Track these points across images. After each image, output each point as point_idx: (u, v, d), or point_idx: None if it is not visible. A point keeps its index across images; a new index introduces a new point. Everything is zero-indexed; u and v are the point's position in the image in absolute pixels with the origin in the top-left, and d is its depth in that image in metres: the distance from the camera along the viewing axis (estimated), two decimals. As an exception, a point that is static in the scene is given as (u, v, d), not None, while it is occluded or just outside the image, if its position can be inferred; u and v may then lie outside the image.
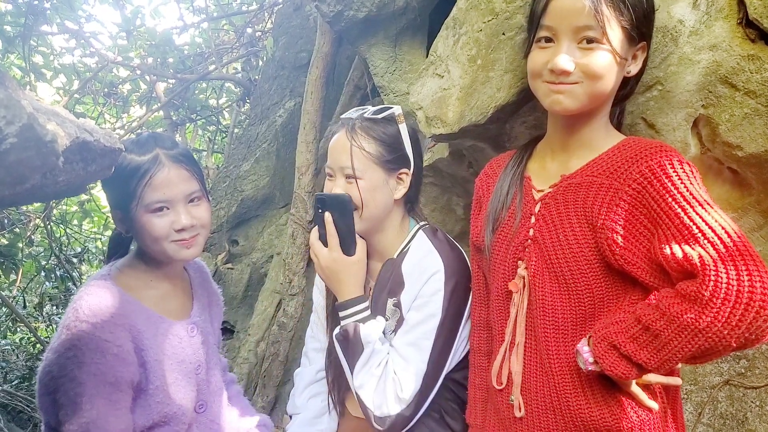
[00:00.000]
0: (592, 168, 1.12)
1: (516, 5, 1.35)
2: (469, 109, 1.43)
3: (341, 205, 1.35)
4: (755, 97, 1.17)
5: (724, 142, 1.24)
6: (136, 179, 1.21)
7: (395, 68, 1.90)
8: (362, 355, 1.32)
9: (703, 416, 1.56)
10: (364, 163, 1.36)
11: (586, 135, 1.16)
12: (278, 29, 3.45)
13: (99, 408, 1.12)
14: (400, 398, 1.29)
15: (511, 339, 1.18)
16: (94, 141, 0.80)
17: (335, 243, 1.36)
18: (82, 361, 1.12)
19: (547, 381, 1.12)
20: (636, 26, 1.08)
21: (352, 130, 1.38)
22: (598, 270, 1.08)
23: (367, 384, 1.31)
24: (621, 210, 1.05)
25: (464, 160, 1.85)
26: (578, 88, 1.07)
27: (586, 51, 1.06)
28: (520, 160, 1.26)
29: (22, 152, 0.56)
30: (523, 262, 1.17)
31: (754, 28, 1.17)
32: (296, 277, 2.68)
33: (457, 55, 1.47)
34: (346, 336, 1.35)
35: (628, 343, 1.00)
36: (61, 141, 0.65)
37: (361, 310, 1.36)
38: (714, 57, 1.19)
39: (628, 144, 1.12)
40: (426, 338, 1.31)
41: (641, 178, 1.03)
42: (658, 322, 0.96)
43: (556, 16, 1.08)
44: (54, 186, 0.74)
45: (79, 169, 0.82)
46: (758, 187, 1.31)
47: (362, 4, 1.82)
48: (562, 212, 1.13)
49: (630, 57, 1.12)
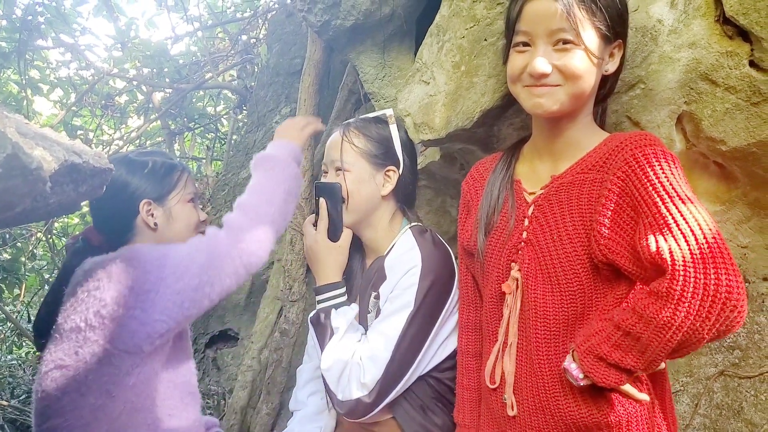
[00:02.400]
0: (581, 166, 1.14)
1: (496, 11, 1.37)
2: (456, 114, 1.45)
3: (332, 192, 1.44)
4: (735, 92, 1.19)
5: (707, 137, 1.26)
6: (178, 173, 1.42)
7: (384, 74, 1.92)
8: (331, 340, 1.37)
9: (700, 407, 1.57)
10: (352, 156, 1.45)
11: (571, 135, 1.17)
12: (272, 36, 3.47)
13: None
14: (362, 383, 1.32)
15: (504, 339, 1.20)
16: (83, 162, 0.82)
17: (323, 226, 1.45)
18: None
19: (537, 381, 1.14)
20: (610, 26, 1.10)
21: (346, 129, 1.48)
22: (591, 270, 1.09)
23: (333, 367, 1.35)
24: (608, 201, 1.05)
25: (456, 162, 1.87)
26: (559, 90, 1.09)
27: (562, 53, 1.08)
28: (508, 164, 1.27)
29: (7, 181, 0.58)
30: (517, 264, 1.18)
31: (731, 25, 1.18)
32: (296, 284, 2.69)
33: (441, 61, 1.49)
34: (318, 320, 1.41)
35: (613, 352, 1.00)
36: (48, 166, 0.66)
37: (336, 295, 1.42)
38: (693, 54, 1.21)
39: (612, 137, 1.14)
40: (394, 328, 1.34)
41: (625, 165, 1.04)
42: (637, 325, 0.97)
43: (531, 21, 1.10)
44: (45, 208, 0.76)
45: (70, 190, 0.84)
46: (744, 179, 1.32)
47: (349, 12, 1.84)
48: (556, 213, 1.14)
49: (606, 56, 1.13)
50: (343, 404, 1.34)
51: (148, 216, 1.36)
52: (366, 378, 1.31)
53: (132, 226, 1.37)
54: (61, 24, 3.77)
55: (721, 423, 1.52)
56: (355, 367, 1.33)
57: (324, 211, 1.45)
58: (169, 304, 1.18)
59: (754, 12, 1.13)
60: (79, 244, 1.39)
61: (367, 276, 1.49)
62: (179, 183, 1.41)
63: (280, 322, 2.73)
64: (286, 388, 2.74)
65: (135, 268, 1.18)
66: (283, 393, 2.74)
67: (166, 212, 1.38)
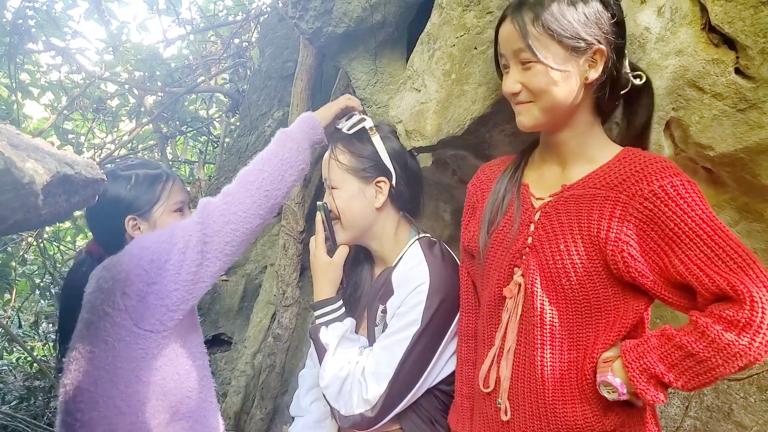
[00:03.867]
0: (593, 180, 1.14)
1: (486, 20, 1.38)
2: (446, 122, 1.46)
3: (325, 212, 1.49)
4: (722, 99, 1.20)
5: (695, 143, 1.27)
6: (161, 183, 1.44)
7: (376, 80, 1.93)
8: (325, 357, 1.39)
9: (690, 409, 1.59)
10: (339, 173, 1.46)
11: (573, 144, 1.18)
12: (264, 40, 3.46)
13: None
14: (365, 399, 1.32)
15: (501, 344, 1.20)
16: (75, 174, 0.82)
17: (320, 240, 1.49)
18: None
19: (535, 386, 1.14)
20: (574, 37, 1.08)
21: (333, 146, 1.49)
22: (597, 281, 1.10)
23: (332, 385, 1.36)
24: (632, 225, 1.07)
25: (448, 167, 1.88)
26: (532, 106, 1.15)
27: (526, 71, 1.12)
28: (517, 167, 1.28)
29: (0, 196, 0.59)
30: (520, 269, 1.18)
31: (717, 33, 1.20)
32: (289, 288, 2.69)
33: (432, 69, 1.50)
34: (311, 337, 1.44)
35: (669, 372, 1.02)
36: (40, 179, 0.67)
37: (329, 311, 1.43)
38: (681, 62, 1.22)
39: (628, 156, 1.14)
40: (399, 345, 1.34)
41: (653, 197, 1.05)
42: (706, 350, 0.99)
43: (502, 45, 1.17)
44: (37, 219, 0.76)
45: (62, 201, 0.84)
46: (732, 184, 1.34)
47: (341, 19, 1.85)
48: (563, 222, 1.15)
49: (582, 65, 1.11)
50: (346, 419, 1.35)
51: (134, 230, 1.40)
52: (369, 394, 1.32)
53: (123, 241, 1.39)
54: (51, 27, 3.75)
55: (712, 425, 1.53)
56: (357, 383, 1.34)
57: (319, 226, 1.49)
58: (182, 272, 1.23)
59: (739, 20, 1.15)
60: (82, 257, 1.48)
61: (374, 287, 1.49)
62: (163, 194, 1.43)
63: (273, 327, 2.73)
64: (280, 393, 2.74)
65: (148, 246, 1.25)
66: (277, 398, 2.74)
67: (151, 225, 1.41)
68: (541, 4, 1.09)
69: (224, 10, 4.77)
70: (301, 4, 1.89)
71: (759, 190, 1.28)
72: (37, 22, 3.65)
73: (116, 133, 5.00)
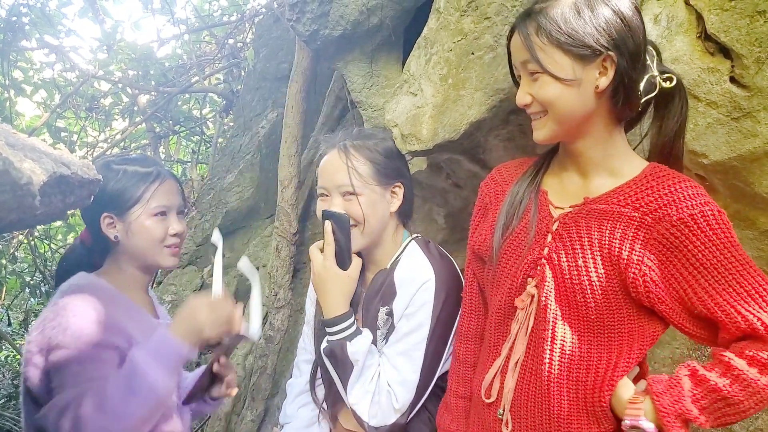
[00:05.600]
0: (618, 196, 1.10)
1: (483, 26, 1.39)
2: (442, 126, 1.46)
3: (340, 222, 1.39)
4: (716, 107, 1.21)
5: (690, 150, 1.28)
6: (146, 184, 1.34)
7: (372, 83, 1.93)
8: (353, 373, 1.35)
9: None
10: (361, 180, 1.40)
11: (592, 155, 1.15)
12: (258, 41, 3.46)
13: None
14: (396, 409, 1.33)
15: (508, 355, 1.17)
16: (71, 174, 0.82)
17: (330, 252, 1.40)
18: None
19: (540, 402, 1.12)
20: (581, 45, 1.05)
21: (345, 150, 1.42)
22: (613, 302, 1.08)
23: (362, 400, 1.35)
24: (654, 249, 1.06)
25: (442, 171, 1.89)
26: (546, 119, 1.11)
27: (534, 82, 1.10)
28: (536, 172, 1.24)
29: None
30: (534, 280, 1.14)
31: (712, 42, 1.21)
32: (282, 290, 2.69)
33: (429, 74, 1.50)
34: (333, 354, 1.37)
35: (700, 415, 1.00)
36: (37, 179, 0.66)
37: (347, 327, 1.38)
38: (676, 70, 1.22)
39: (655, 174, 1.10)
40: (417, 349, 1.34)
41: (682, 225, 1.03)
42: (742, 393, 0.98)
43: (513, 57, 1.15)
44: (32, 218, 0.76)
45: (58, 201, 0.83)
46: (725, 192, 1.35)
47: (337, 22, 1.85)
48: (583, 237, 1.11)
49: (593, 73, 1.08)
50: (377, 430, 1.35)
51: (108, 228, 1.33)
52: (399, 403, 1.33)
53: (104, 238, 1.34)
54: (45, 25, 3.74)
55: (704, 430, 1.54)
56: (385, 395, 1.34)
57: (330, 236, 1.39)
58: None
59: (734, 30, 1.16)
60: (77, 242, 1.44)
61: (371, 290, 1.46)
62: (144, 196, 1.33)
63: (265, 329, 2.72)
64: (271, 394, 2.73)
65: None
66: (268, 399, 2.73)
67: (126, 226, 1.33)
68: (544, 14, 1.07)
69: (219, 10, 4.76)
70: (298, 7, 1.90)
71: (752, 197, 1.29)
72: (31, 19, 3.63)
73: (109, 131, 4.98)
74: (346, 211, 1.39)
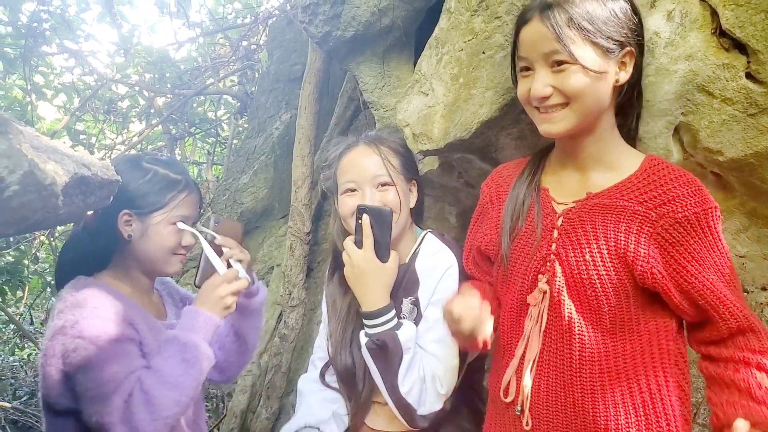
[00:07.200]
0: (621, 191, 1.12)
1: (494, 25, 1.39)
2: (454, 125, 1.47)
3: (381, 216, 1.38)
4: (732, 103, 1.20)
5: (704, 147, 1.27)
6: (173, 192, 1.35)
7: (384, 84, 1.94)
8: (403, 362, 1.34)
9: (698, 416, 1.58)
10: (394, 171, 1.43)
11: (594, 150, 1.16)
12: (272, 43, 3.49)
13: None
14: (441, 394, 1.35)
15: (523, 353, 1.18)
16: (91, 175, 0.84)
17: (369, 244, 1.38)
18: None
19: (565, 395, 1.12)
20: (610, 38, 1.07)
21: (375, 142, 1.45)
22: (621, 293, 1.09)
23: (414, 388, 1.34)
24: (657, 244, 1.08)
25: (454, 170, 1.89)
26: (567, 110, 1.10)
27: (559, 73, 1.08)
28: (534, 171, 1.25)
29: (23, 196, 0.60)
30: (545, 277, 1.15)
31: (727, 38, 1.19)
32: (296, 289, 2.71)
33: (440, 73, 1.51)
34: (383, 345, 1.34)
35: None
36: (60, 180, 0.68)
37: (392, 318, 1.38)
38: (690, 66, 1.22)
39: (654, 168, 1.12)
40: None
41: (686, 223, 1.07)
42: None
43: (527, 47, 1.12)
44: (55, 218, 0.78)
45: (79, 201, 0.85)
46: (741, 189, 1.33)
47: (349, 24, 1.86)
48: (588, 232, 1.12)
49: (614, 67, 1.10)
50: (425, 418, 1.35)
51: (124, 226, 1.33)
52: (443, 389, 1.35)
53: (115, 229, 1.34)
54: (65, 30, 3.81)
55: (712, 431, 1.53)
56: (430, 382, 1.35)
57: (368, 230, 1.38)
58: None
59: (750, 25, 1.14)
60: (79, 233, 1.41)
61: (395, 285, 1.45)
62: (169, 203, 1.35)
63: (279, 327, 2.75)
64: (286, 392, 2.76)
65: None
66: (283, 397, 2.75)
67: (143, 228, 1.34)
68: (572, 4, 1.06)
69: (233, 13, 4.81)
70: (311, 9, 1.91)
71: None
72: (51, 25, 3.70)
73: (126, 134, 5.05)
74: (383, 202, 1.40)
